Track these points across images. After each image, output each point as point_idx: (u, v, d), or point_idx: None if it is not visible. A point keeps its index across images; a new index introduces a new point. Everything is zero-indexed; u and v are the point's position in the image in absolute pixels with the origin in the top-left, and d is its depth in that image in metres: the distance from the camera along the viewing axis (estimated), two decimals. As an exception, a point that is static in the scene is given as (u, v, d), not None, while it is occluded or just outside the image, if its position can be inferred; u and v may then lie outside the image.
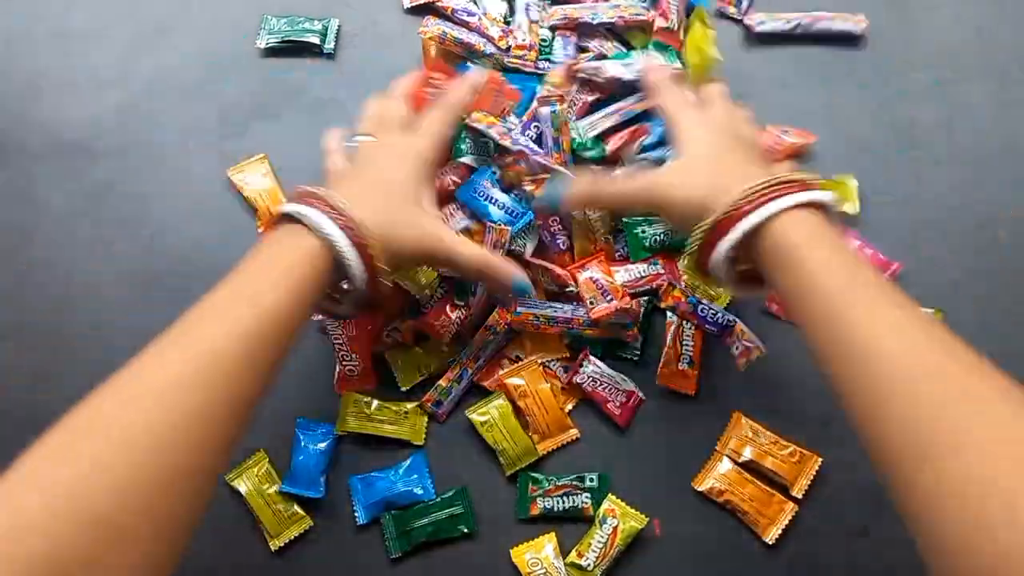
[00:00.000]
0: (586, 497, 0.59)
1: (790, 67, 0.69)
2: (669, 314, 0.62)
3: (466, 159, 0.60)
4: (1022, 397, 0.35)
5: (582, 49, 0.68)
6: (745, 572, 0.58)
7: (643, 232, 0.62)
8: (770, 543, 0.58)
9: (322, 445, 0.59)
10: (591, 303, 0.59)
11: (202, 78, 0.70)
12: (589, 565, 0.57)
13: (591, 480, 0.59)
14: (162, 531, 0.35)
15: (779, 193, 0.45)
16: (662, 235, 0.62)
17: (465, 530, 0.58)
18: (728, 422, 0.61)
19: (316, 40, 0.69)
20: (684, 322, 0.61)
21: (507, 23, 0.68)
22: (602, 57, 0.67)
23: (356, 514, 0.59)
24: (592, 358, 0.60)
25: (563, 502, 0.59)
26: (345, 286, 0.50)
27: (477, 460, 0.61)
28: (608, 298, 0.59)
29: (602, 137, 0.63)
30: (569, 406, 0.61)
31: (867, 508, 0.59)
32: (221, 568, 0.59)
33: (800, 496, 0.58)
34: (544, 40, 0.68)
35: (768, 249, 0.45)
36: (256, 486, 0.59)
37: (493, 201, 0.59)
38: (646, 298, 0.62)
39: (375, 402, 0.61)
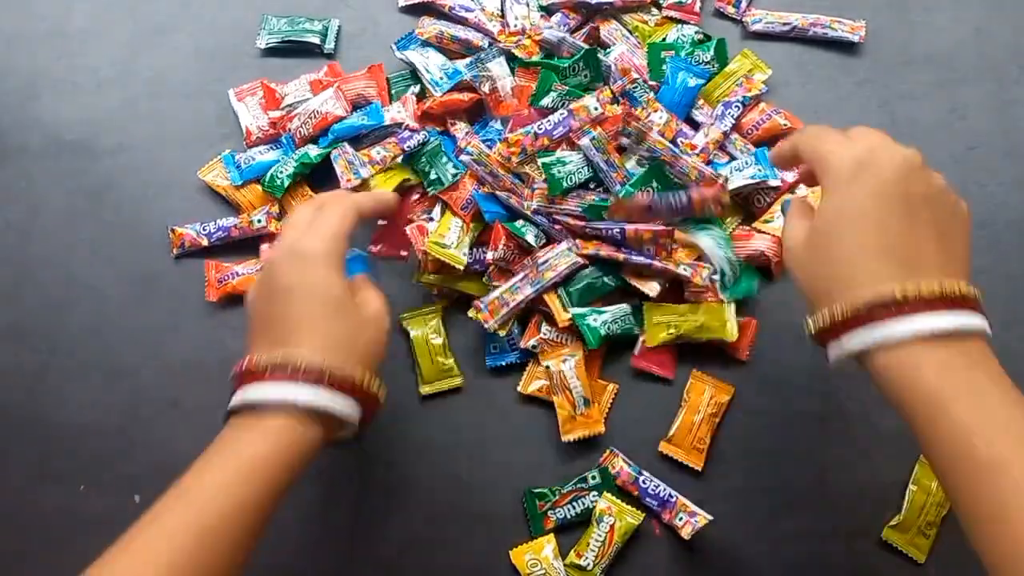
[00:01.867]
0: (594, 496, 0.59)
1: (790, 66, 0.69)
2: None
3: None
4: None
5: (581, 27, 0.69)
6: (745, 572, 0.59)
7: (559, 172, 0.61)
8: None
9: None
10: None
11: (202, 78, 0.70)
12: (588, 564, 0.57)
13: (593, 478, 0.59)
14: None
15: (911, 309, 0.39)
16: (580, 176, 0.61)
17: None
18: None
19: (316, 40, 0.69)
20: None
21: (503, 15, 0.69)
22: (597, 30, 0.68)
23: None
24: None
25: (574, 508, 0.58)
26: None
27: (483, 462, 0.61)
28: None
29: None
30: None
31: (867, 508, 0.59)
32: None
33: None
34: (536, 24, 0.68)
35: (887, 381, 0.40)
36: (424, 335, 0.62)
37: None
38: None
39: None
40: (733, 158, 0.65)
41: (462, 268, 0.60)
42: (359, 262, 0.54)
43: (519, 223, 0.61)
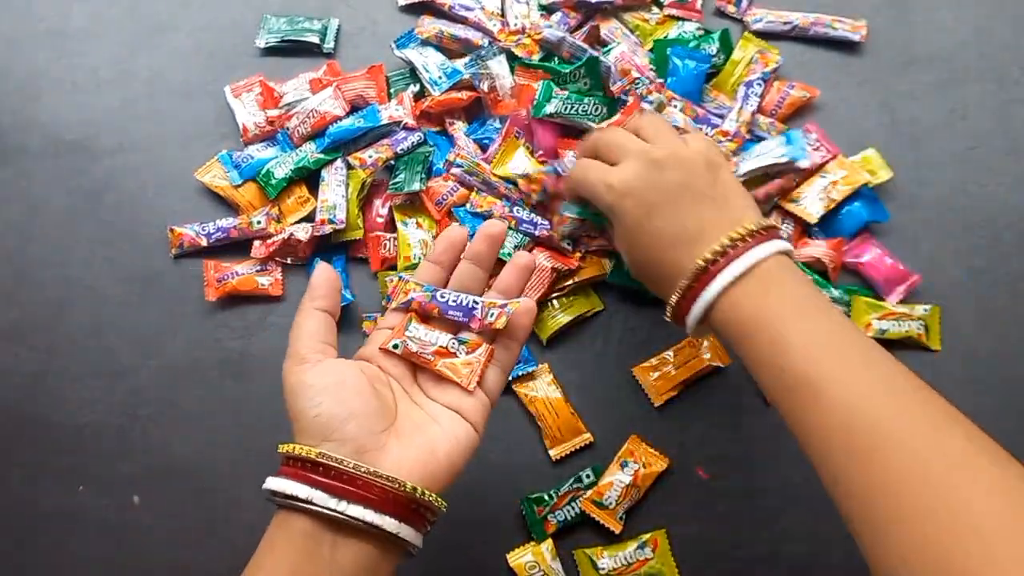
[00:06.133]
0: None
1: (791, 65, 0.69)
2: None
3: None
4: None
5: (581, 26, 0.69)
6: (745, 572, 0.58)
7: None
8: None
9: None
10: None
11: (202, 78, 0.70)
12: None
13: (588, 477, 0.59)
14: None
15: (727, 258, 0.45)
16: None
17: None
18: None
19: (316, 40, 0.69)
20: None
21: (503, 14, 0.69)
22: (597, 29, 0.68)
23: None
24: None
25: (573, 508, 0.58)
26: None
27: (480, 465, 0.61)
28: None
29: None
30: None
31: (867, 508, 0.59)
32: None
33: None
34: (536, 23, 0.68)
35: (732, 324, 0.45)
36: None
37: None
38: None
39: None
40: (761, 139, 0.65)
41: None
42: None
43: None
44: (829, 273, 0.62)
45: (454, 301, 0.46)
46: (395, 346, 0.45)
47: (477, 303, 0.46)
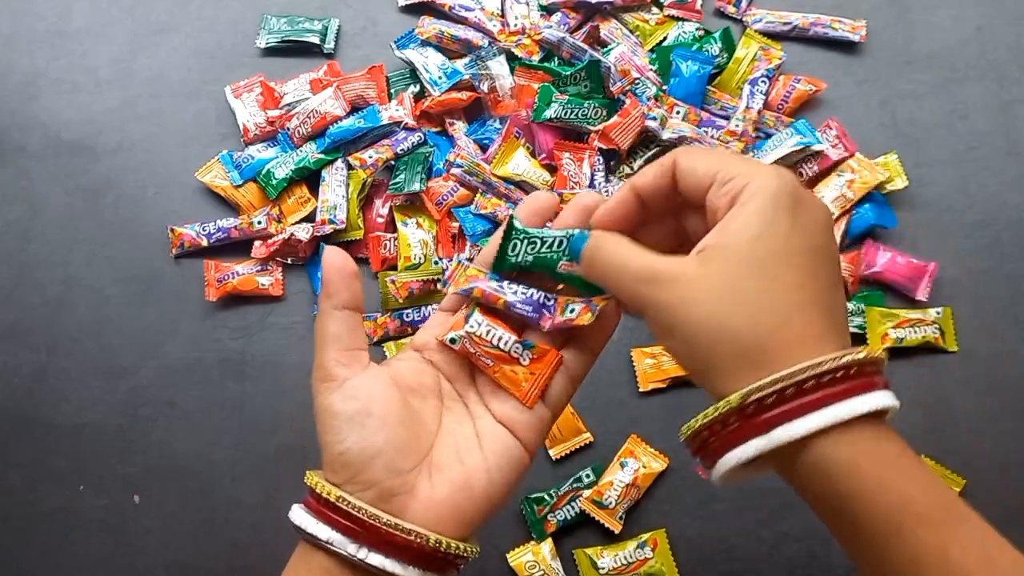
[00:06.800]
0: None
1: (790, 66, 0.69)
2: None
3: None
4: None
5: (581, 26, 0.69)
6: (745, 572, 0.58)
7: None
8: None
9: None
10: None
11: (201, 78, 0.70)
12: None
13: (588, 476, 0.59)
14: None
15: (845, 390, 0.31)
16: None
17: None
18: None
19: (316, 40, 0.69)
20: None
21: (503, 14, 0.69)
22: (597, 29, 0.68)
23: None
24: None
25: (573, 508, 0.58)
26: None
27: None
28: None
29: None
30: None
31: (867, 508, 0.59)
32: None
33: None
34: (536, 24, 0.68)
35: (811, 471, 0.34)
36: None
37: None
38: None
39: None
40: (769, 136, 0.65)
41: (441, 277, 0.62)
42: None
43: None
44: (848, 288, 0.62)
45: (523, 293, 0.38)
46: (452, 340, 0.39)
47: (550, 299, 0.38)
